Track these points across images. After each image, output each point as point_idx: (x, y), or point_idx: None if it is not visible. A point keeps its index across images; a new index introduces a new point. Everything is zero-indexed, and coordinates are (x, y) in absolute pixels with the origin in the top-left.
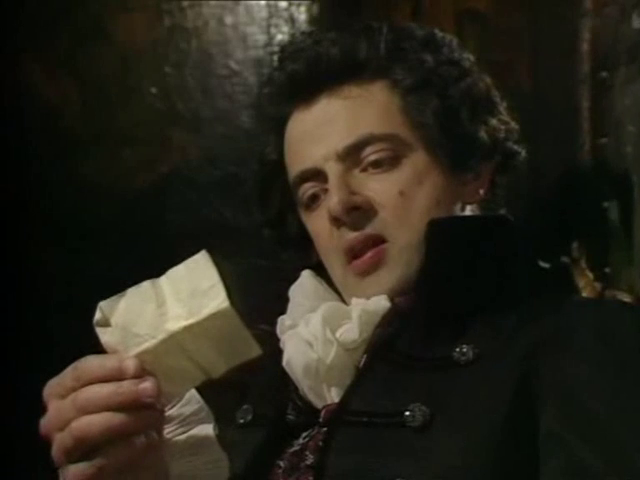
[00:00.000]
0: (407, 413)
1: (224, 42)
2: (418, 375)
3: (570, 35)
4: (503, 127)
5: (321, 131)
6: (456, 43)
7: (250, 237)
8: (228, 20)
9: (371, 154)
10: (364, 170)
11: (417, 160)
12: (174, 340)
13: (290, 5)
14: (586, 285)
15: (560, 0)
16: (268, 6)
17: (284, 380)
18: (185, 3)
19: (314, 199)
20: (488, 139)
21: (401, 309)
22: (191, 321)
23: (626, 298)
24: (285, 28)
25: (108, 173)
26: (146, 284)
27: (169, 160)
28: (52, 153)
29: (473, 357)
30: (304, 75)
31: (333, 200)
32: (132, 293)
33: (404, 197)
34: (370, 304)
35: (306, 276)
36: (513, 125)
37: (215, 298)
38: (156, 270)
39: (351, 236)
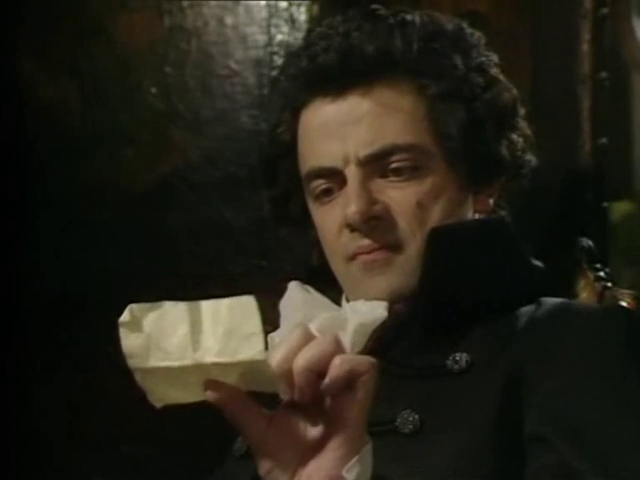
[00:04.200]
0: (398, 420)
1: (224, 42)
2: (411, 383)
3: (570, 35)
4: (521, 139)
5: (345, 130)
6: (483, 43)
7: (250, 237)
8: (228, 20)
9: (393, 162)
10: (384, 176)
11: (437, 172)
12: (198, 369)
13: (290, 5)
14: (586, 286)
15: (560, 1)
16: (268, 6)
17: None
18: (185, 3)
19: (327, 193)
20: (508, 155)
21: (398, 316)
22: (223, 360)
23: (627, 299)
24: (285, 28)
25: (108, 173)
26: (184, 305)
27: (169, 160)
28: (52, 153)
29: (466, 366)
30: (335, 69)
31: (352, 209)
32: (168, 308)
33: (421, 209)
34: (367, 316)
35: (293, 289)
36: (529, 133)
37: (253, 347)
38: (156, 270)
39: (364, 243)
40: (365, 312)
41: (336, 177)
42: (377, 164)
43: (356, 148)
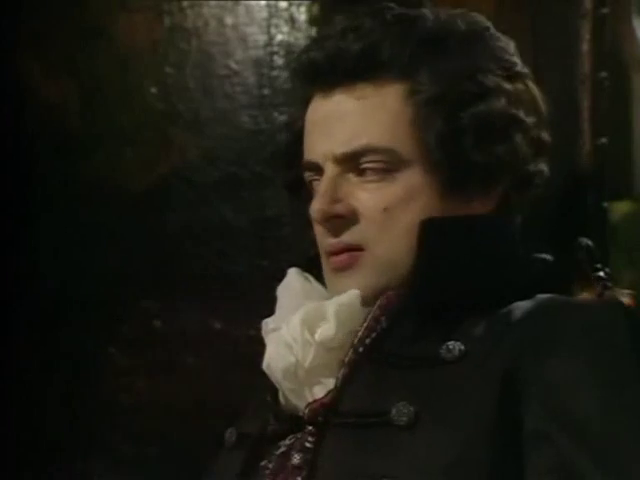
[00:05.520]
0: (393, 412)
1: (224, 42)
2: (405, 373)
3: (570, 35)
4: (524, 149)
5: (329, 127)
6: (501, 47)
7: (250, 237)
8: (228, 20)
9: (366, 163)
10: (359, 175)
11: (411, 178)
12: None
13: (290, 5)
14: (586, 286)
15: (560, 0)
16: (268, 6)
17: (269, 390)
18: (185, 3)
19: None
20: (492, 166)
21: (390, 307)
22: None
23: (627, 299)
24: (285, 28)
25: (108, 173)
26: None
27: (169, 160)
28: (52, 153)
29: (459, 354)
30: (322, 66)
31: (314, 205)
32: None
33: (388, 214)
34: (343, 297)
35: (292, 275)
36: (543, 138)
37: None
38: (156, 270)
39: (331, 241)
40: (341, 297)
41: (320, 172)
42: (352, 163)
43: (335, 145)
